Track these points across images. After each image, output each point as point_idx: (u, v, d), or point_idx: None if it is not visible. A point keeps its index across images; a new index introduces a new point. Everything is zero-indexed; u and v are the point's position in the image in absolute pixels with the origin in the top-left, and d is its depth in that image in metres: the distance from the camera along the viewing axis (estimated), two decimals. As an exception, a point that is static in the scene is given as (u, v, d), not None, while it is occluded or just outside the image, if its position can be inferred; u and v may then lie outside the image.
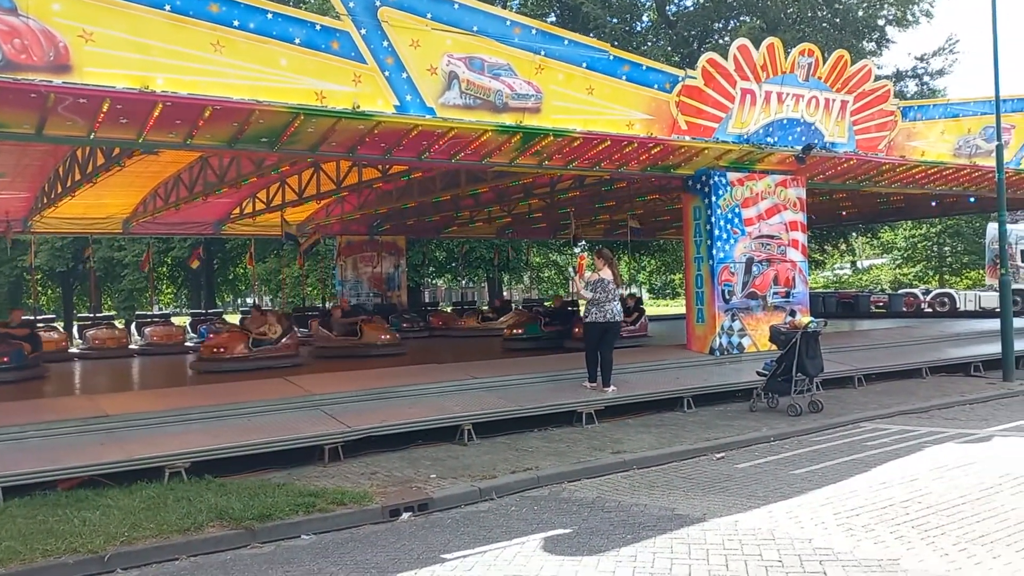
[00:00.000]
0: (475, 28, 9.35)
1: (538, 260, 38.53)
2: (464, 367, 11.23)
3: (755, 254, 12.96)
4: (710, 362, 12.44)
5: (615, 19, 24.46)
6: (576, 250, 26.06)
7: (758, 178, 12.99)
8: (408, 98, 8.95)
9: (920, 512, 6.03)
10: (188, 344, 19.12)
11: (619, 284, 10.64)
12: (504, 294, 36.43)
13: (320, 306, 24.11)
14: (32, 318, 18.57)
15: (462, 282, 34.92)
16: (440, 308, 28.88)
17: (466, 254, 28.71)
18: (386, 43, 8.74)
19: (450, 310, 26.20)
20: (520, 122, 9.74)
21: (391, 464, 8.05)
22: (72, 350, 18.53)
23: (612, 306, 10.38)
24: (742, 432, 9.24)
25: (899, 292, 31.60)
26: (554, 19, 24.78)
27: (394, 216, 21.65)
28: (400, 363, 13.33)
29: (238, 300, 49.44)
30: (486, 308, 24.67)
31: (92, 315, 22.14)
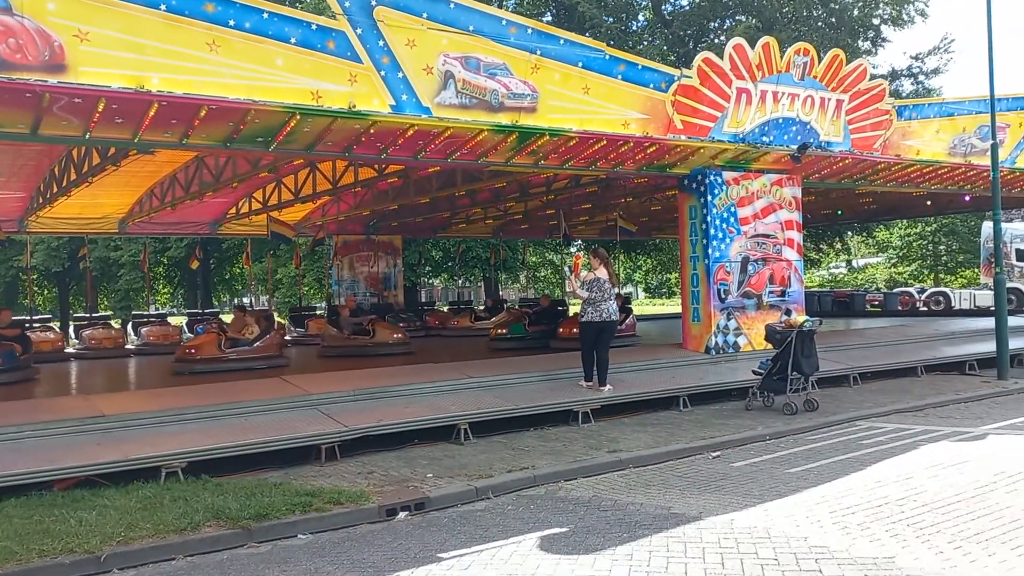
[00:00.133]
0: (471, 28, 9.36)
1: (534, 259, 38.54)
2: (460, 367, 11.22)
3: (751, 253, 12.99)
4: (706, 361, 12.45)
5: (611, 18, 24.48)
6: (572, 249, 26.18)
7: (754, 177, 13.01)
8: (404, 98, 8.97)
9: (915, 510, 6.05)
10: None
11: (615, 283, 10.66)
12: (500, 294, 36.40)
13: (316, 306, 24.06)
14: (23, 318, 18.52)
15: (458, 281, 34.89)
16: (437, 308, 28.85)
17: (462, 253, 28.69)
18: (382, 43, 8.75)
19: (446, 310, 26.19)
20: (516, 122, 9.74)
21: (388, 463, 8.05)
22: (68, 350, 18.51)
23: (608, 305, 10.39)
24: (738, 431, 9.26)
25: (894, 291, 31.57)
26: (550, 18, 24.79)
27: (390, 216, 21.64)
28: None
29: (235, 300, 49.37)
30: (480, 308, 24.64)
31: (88, 315, 22.07)
